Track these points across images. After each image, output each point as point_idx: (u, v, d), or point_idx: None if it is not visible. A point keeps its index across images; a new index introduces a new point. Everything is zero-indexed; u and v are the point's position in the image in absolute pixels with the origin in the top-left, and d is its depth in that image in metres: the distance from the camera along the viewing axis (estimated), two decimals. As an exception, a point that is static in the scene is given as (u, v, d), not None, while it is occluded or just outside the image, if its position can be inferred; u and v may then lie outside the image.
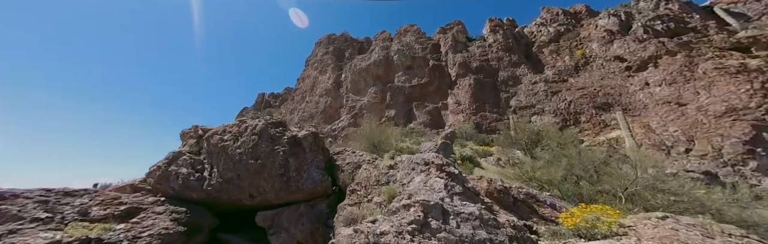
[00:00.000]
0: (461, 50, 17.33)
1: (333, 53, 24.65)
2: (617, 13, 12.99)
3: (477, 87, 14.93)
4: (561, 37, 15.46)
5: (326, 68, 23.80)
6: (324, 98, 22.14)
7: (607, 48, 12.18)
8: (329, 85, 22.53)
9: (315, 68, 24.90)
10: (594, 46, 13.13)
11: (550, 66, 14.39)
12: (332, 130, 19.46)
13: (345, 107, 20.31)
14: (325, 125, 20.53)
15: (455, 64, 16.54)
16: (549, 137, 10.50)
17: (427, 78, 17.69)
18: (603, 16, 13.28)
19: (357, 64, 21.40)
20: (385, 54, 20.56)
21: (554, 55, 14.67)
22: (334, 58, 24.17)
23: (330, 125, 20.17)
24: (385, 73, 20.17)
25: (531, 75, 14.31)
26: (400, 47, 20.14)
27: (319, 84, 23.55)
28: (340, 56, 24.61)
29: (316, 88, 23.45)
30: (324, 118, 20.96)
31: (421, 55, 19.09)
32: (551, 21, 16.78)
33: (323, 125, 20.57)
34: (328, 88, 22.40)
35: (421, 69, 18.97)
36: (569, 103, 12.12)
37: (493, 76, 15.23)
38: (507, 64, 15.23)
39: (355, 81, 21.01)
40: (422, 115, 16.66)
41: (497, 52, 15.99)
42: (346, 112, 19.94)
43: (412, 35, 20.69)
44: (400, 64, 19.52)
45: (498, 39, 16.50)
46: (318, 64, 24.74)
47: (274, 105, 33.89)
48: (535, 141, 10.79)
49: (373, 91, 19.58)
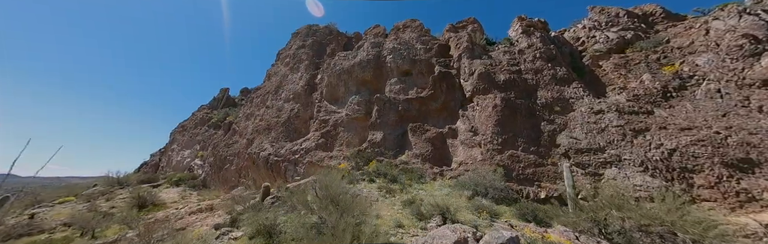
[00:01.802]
0: (480, 56, 12.42)
1: (311, 47, 19.18)
2: (753, 11, 8.38)
3: (506, 111, 9.95)
4: (629, 47, 10.89)
5: (299, 65, 18.23)
6: (290, 104, 16.54)
7: (741, 65, 7.51)
8: (300, 87, 16.98)
9: (285, 64, 19.27)
10: (701, 60, 8.50)
11: (618, 88, 9.67)
12: (293, 151, 13.84)
13: (315, 120, 14.79)
14: (285, 142, 14.89)
15: (473, 73, 11.56)
16: (649, 216, 5.67)
17: (431, 90, 12.61)
18: (724, 16, 8.69)
19: (338, 63, 16.05)
20: (375, 53, 15.38)
21: (622, 72, 10.00)
22: (311, 54, 18.67)
23: (292, 142, 14.54)
24: (373, 79, 14.94)
25: (589, 99, 9.50)
26: (397, 46, 15.07)
27: (286, 84, 17.92)
28: (320, 52, 19.18)
29: (283, 89, 17.81)
30: (286, 133, 15.32)
31: (423, 58, 14.06)
32: (608, 24, 12.26)
33: (283, 141, 14.91)
34: (298, 91, 16.84)
35: (423, 76, 13.90)
36: (670, 153, 7.29)
37: (529, 96, 10.32)
38: (550, 79, 10.39)
39: (332, 85, 15.62)
40: (420, 144, 11.48)
41: (534, 62, 11.17)
42: (317, 127, 14.42)
43: (412, 32, 15.69)
44: (395, 67, 14.39)
45: (534, 43, 11.72)
46: (290, 59, 19.13)
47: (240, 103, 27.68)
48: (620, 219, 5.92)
49: (356, 102, 14.25)
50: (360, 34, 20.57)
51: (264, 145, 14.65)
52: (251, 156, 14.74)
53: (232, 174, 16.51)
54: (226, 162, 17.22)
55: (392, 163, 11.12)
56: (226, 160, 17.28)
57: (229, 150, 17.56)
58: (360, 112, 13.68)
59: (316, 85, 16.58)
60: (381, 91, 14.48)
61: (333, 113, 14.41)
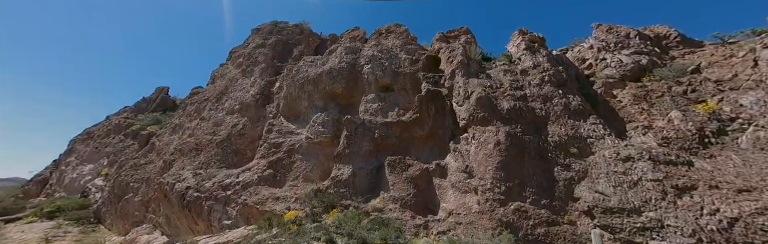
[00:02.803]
0: (477, 74, 10.26)
1: (273, 47, 15.80)
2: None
3: (511, 150, 7.79)
4: (646, 74, 9.38)
5: (253, 68, 14.72)
6: (234, 118, 13.06)
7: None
8: (250, 96, 13.57)
9: (237, 65, 15.60)
10: (746, 99, 7.01)
11: (641, 126, 7.97)
12: (225, 185, 10.34)
13: (265, 142, 11.53)
14: (217, 169, 11.43)
15: (468, 96, 9.32)
16: None
17: (416, 113, 10.16)
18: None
19: (303, 69, 13.00)
20: (350, 61, 12.62)
21: (643, 106, 8.37)
22: (272, 55, 15.28)
23: (227, 171, 11.14)
24: (345, 92, 12.14)
25: (611, 140, 7.67)
26: (377, 53, 12.47)
27: (234, 91, 14.35)
28: (284, 54, 15.88)
29: (228, 97, 14.22)
30: (221, 157, 11.84)
31: (408, 71, 11.62)
32: (618, 46, 10.79)
33: (215, 168, 11.46)
34: (248, 101, 13.42)
35: (406, 94, 11.44)
36: (731, 223, 5.53)
37: (537, 132, 8.28)
38: (561, 111, 8.47)
39: (293, 97, 12.53)
40: (400, 184, 8.94)
41: (541, 87, 9.22)
42: (264, 152, 11.20)
43: (396, 39, 13.21)
44: (374, 80, 11.76)
45: (540, 63, 9.82)
46: (244, 59, 15.49)
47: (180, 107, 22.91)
48: None
49: (321, 121, 11.34)
50: (337, 37, 17.63)
51: (184, 173, 10.93)
52: (163, 187, 10.97)
53: (135, 207, 12.54)
54: (130, 190, 13.12)
55: (362, 210, 8.43)
56: (129, 187, 13.17)
57: (136, 173, 13.45)
58: (325, 136, 10.81)
59: (272, 95, 13.29)
60: (354, 108, 11.74)
61: (289, 135, 11.30)
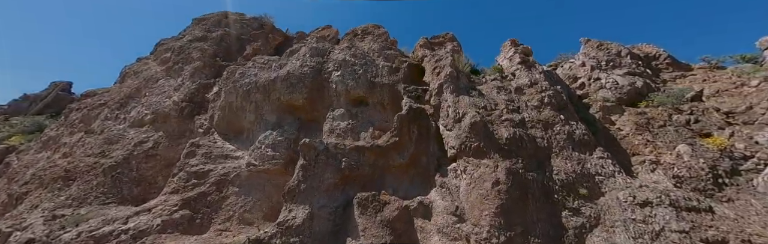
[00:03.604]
0: (468, 90, 8.73)
1: (217, 42, 12.70)
2: None
3: (513, 192, 6.30)
4: (643, 99, 8.67)
5: (184, 67, 11.48)
6: (143, 133, 9.82)
7: None
8: (171, 103, 10.39)
9: (162, 61, 12.16)
10: (763, 137, 6.33)
11: (648, 161, 7.05)
12: (100, 236, 6.98)
13: (182, 170, 8.56)
14: (100, 207, 8.22)
15: (460, 119, 7.70)
16: None
17: (395, 136, 8.28)
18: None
19: (251, 72, 10.32)
20: (316, 65, 10.31)
21: (647, 137, 7.51)
22: (213, 52, 12.19)
23: (115, 210, 8.00)
24: (307, 105, 9.79)
25: (622, 178, 6.59)
26: (350, 58, 10.35)
27: (149, 95, 11.01)
28: (233, 52, 12.90)
29: (138, 103, 10.84)
30: (109, 190, 8.59)
31: (386, 82, 9.71)
32: (610, 64, 10.09)
33: (97, 206, 8.27)
34: (167, 110, 10.24)
35: (383, 110, 9.52)
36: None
37: (540, 166, 6.93)
38: (565, 141, 7.25)
39: (234, 108, 9.78)
40: (373, 230, 6.94)
41: (540, 110, 7.96)
42: (179, 184, 8.24)
43: (374, 42, 11.23)
44: (344, 91, 9.61)
45: (537, 81, 8.62)
46: (173, 54, 12.10)
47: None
48: None
49: (271, 142, 8.86)
50: (305, 35, 15.02)
51: (31, 216, 7.21)
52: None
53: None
54: None
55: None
56: None
57: None
58: (276, 162, 8.41)
59: (205, 103, 10.36)
60: (317, 125, 9.47)
61: (223, 160, 8.62)
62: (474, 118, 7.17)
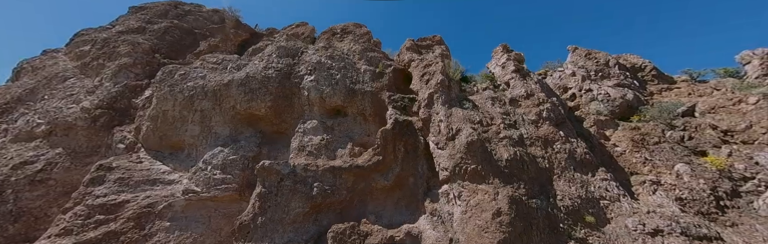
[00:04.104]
0: (461, 101, 7.81)
1: (160, 36, 10.49)
2: None
3: (517, 223, 5.45)
4: (634, 112, 8.37)
5: (106, 63, 9.07)
6: (32, 149, 7.48)
7: None
8: (80, 110, 8.07)
9: (77, 56, 9.63)
10: (764, 157, 6.09)
11: (649, 181, 6.63)
12: None
13: (85, 198, 6.65)
14: None
15: (454, 136, 6.72)
16: None
17: (378, 154, 7.09)
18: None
19: (196, 74, 8.46)
20: (284, 67, 8.76)
21: (644, 154, 7.12)
22: (151, 48, 9.95)
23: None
24: (272, 115, 8.19)
25: (628, 203, 6.04)
26: (326, 60, 8.95)
27: (49, 99, 8.55)
28: (176, 49, 10.75)
29: (30, 108, 8.42)
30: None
31: (369, 89, 8.48)
32: (599, 74, 9.79)
33: None
34: (71, 120, 7.92)
35: (365, 122, 8.28)
36: None
37: (542, 190, 6.18)
38: (566, 161, 6.59)
39: (170, 118, 7.83)
40: (350, 271, 5.74)
41: (538, 125, 7.27)
42: (79, 220, 6.39)
43: (355, 42, 9.93)
44: (318, 99, 8.20)
45: (534, 92, 7.94)
46: (93, 47, 9.68)
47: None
48: None
49: (220, 161, 7.17)
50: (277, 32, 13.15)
51: None
52: None
53: None
54: None
55: None
56: None
57: None
58: (227, 187, 6.82)
59: (131, 111, 8.30)
60: (284, 138, 7.98)
61: (149, 186, 6.75)
62: (471, 137, 6.22)
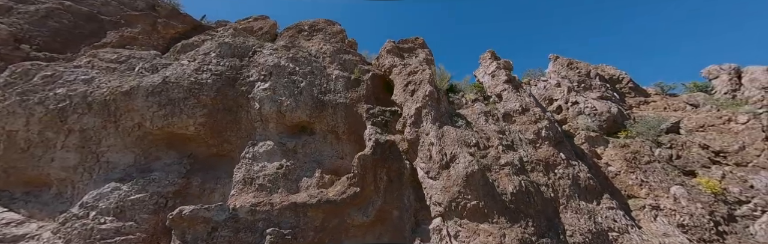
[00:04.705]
0: (452, 118, 6.69)
1: (30, 20, 7.44)
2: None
3: (530, 275, 4.43)
4: (621, 128, 8.07)
5: None
6: None
7: None
8: None
9: None
10: (760, 181, 5.96)
11: (649, 206, 6.19)
12: None
13: None
14: None
15: (447, 164, 5.53)
16: None
17: (355, 185, 5.63)
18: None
19: (78, 77, 6.02)
20: (226, 70, 6.73)
21: (639, 175, 6.73)
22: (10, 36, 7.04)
23: None
24: (206, 134, 6.10)
25: (638, 235, 5.46)
26: (288, 63, 7.13)
27: None
28: (66, 40, 7.93)
29: None
30: None
31: (343, 101, 6.90)
32: (582, 86, 9.48)
33: None
34: None
35: (338, 142, 6.70)
36: None
37: (551, 226, 5.31)
38: (570, 188, 5.85)
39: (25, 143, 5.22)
40: None
41: (536, 145, 6.46)
42: None
43: (326, 42, 8.23)
44: (275, 113, 6.38)
45: (528, 107, 7.16)
46: None
47: None
48: None
49: (114, 202, 5.01)
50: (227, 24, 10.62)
51: None
52: None
53: None
54: None
55: None
56: None
57: None
58: (125, 240, 4.84)
59: None
60: (225, 164, 6.08)
61: None
62: (471, 167, 5.09)
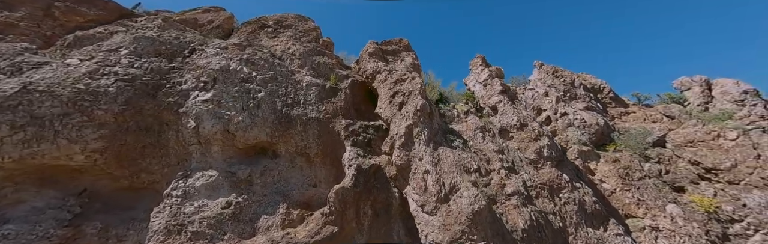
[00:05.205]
0: (447, 136, 5.74)
1: None
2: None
3: None
4: (609, 141, 7.83)
5: None
6: None
7: None
8: None
9: None
10: (752, 200, 5.86)
11: (649, 227, 5.87)
12: None
13: None
14: None
15: (446, 196, 4.56)
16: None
17: (332, 223, 4.44)
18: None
19: None
20: (145, 75, 5.04)
21: (635, 193, 6.42)
22: None
23: None
24: (108, 162, 4.38)
25: (646, 266, 4.99)
26: (241, 67, 5.63)
27: None
28: None
29: None
30: None
31: (315, 115, 5.61)
32: (567, 95, 9.19)
33: None
34: None
35: (310, 166, 5.39)
36: None
37: (563, 264, 4.60)
38: (577, 213, 5.26)
39: None
40: None
41: (539, 166, 5.80)
42: None
43: (296, 41, 6.78)
44: (220, 134, 4.86)
45: (526, 121, 6.51)
46: None
47: None
48: None
49: None
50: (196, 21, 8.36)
51: None
52: None
53: None
54: None
55: None
56: None
57: None
58: None
59: None
60: (145, 196, 4.52)
61: None
62: (476, 204, 4.16)
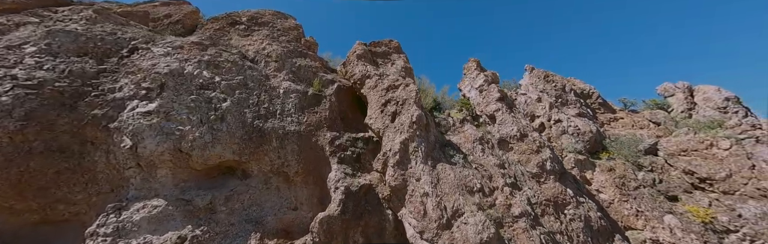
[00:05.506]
0: (445, 150, 5.20)
1: None
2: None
3: None
4: (602, 148, 7.69)
5: None
6: None
7: None
8: None
9: None
10: (747, 210, 5.83)
11: (650, 241, 5.68)
12: None
13: None
14: None
15: (449, 221, 4.00)
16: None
17: (317, 262, 3.77)
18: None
19: None
20: (60, 80, 4.11)
21: (633, 204, 6.25)
22: None
23: None
24: (11, 196, 3.52)
25: (654, 287, 4.73)
26: (199, 70, 4.74)
27: None
28: None
29: None
30: None
31: (294, 128, 4.85)
32: (559, 101, 9.02)
33: None
34: None
35: (290, 186, 4.61)
36: None
37: (574, 292, 4.20)
38: (583, 231, 4.95)
39: None
40: None
41: (542, 180, 5.41)
42: None
43: (274, 40, 5.94)
44: (169, 154, 4.01)
45: (526, 131, 6.12)
46: None
47: None
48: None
49: None
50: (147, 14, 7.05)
51: None
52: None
53: None
54: None
55: None
56: None
57: None
58: None
59: None
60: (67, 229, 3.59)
61: None
62: (485, 232, 3.64)
